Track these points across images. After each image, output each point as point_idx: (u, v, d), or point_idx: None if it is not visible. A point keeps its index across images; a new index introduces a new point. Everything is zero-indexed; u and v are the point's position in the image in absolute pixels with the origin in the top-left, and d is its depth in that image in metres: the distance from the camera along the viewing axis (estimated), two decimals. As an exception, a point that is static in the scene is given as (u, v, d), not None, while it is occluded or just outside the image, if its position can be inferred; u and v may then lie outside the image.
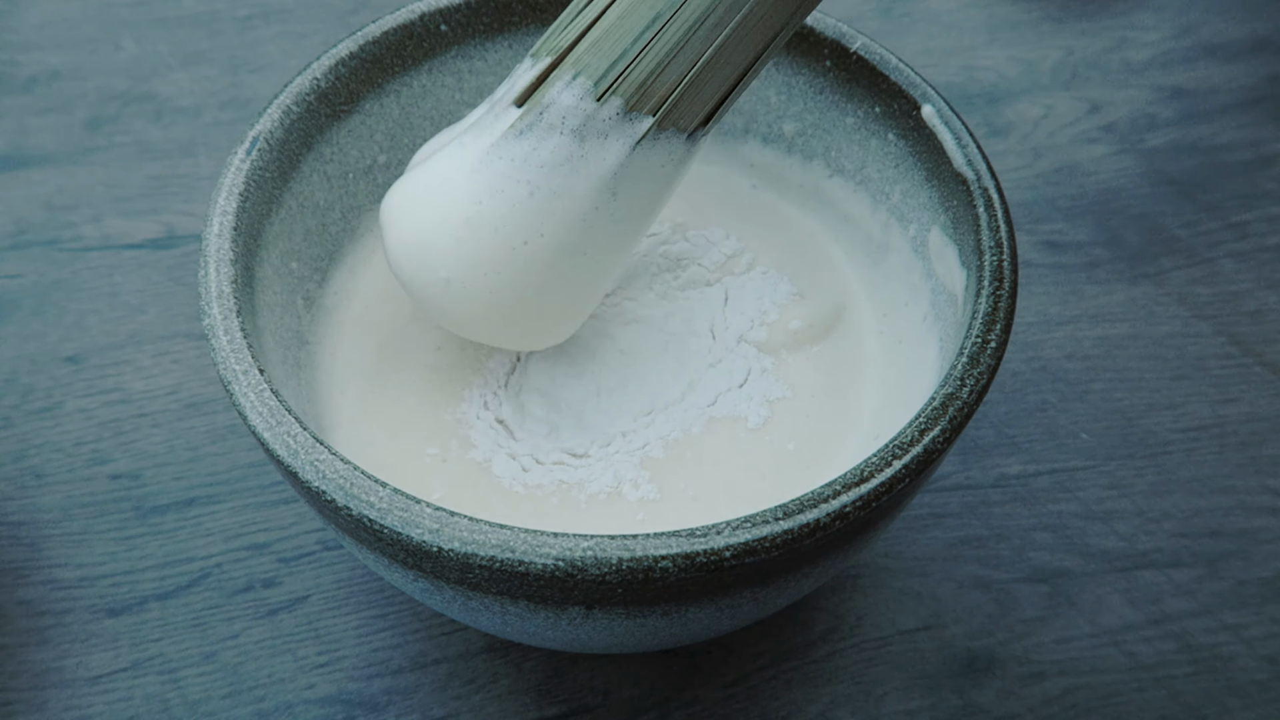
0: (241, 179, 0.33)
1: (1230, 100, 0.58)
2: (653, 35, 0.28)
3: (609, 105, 0.29)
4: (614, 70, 0.28)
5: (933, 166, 0.36)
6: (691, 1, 0.27)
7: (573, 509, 0.33)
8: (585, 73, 0.29)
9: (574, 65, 0.29)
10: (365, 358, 0.37)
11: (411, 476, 0.34)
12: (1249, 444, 0.45)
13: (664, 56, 0.28)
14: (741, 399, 0.35)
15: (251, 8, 0.61)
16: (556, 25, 0.30)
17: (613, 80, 0.28)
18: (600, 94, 0.29)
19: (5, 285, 0.49)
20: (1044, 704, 0.38)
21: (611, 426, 0.35)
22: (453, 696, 0.38)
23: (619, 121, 0.29)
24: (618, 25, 0.28)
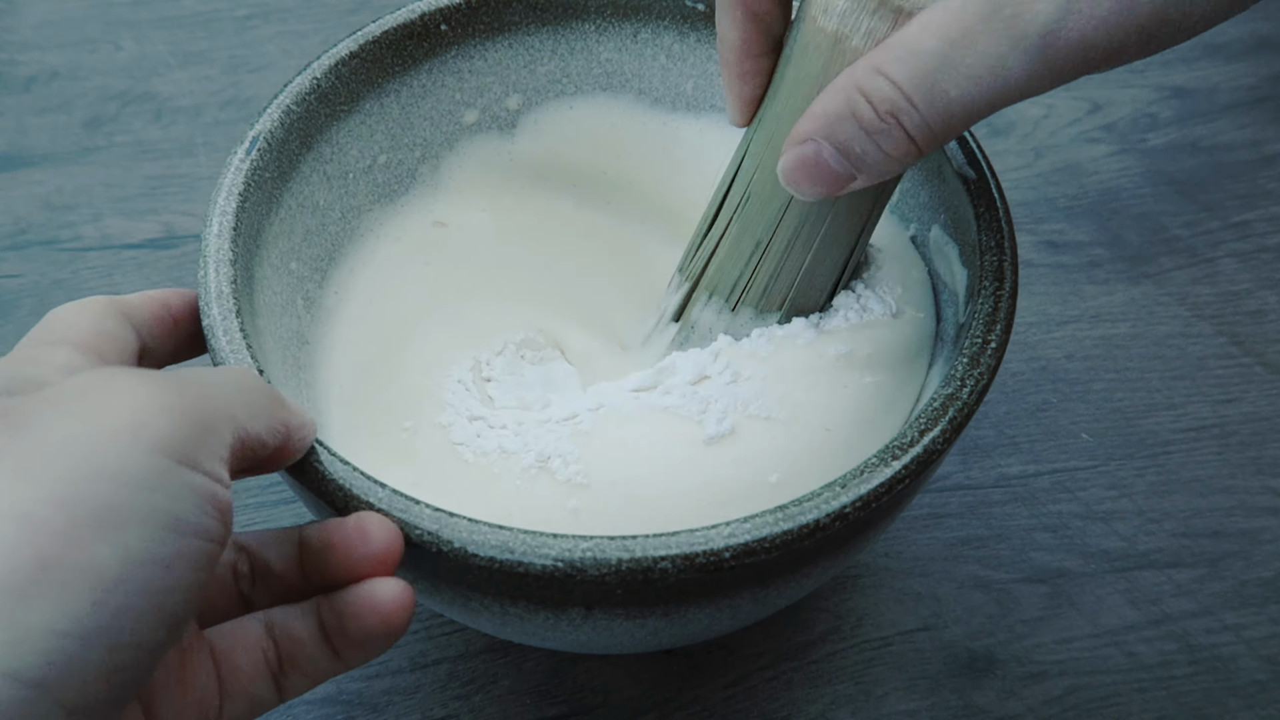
0: (241, 179, 0.33)
1: (1231, 100, 0.58)
2: (760, 256, 0.33)
3: (743, 314, 0.35)
4: (737, 288, 0.34)
5: (933, 166, 0.36)
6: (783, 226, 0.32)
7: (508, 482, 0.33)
8: (718, 292, 0.35)
9: (707, 287, 0.35)
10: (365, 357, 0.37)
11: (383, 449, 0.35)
12: (1250, 444, 0.45)
13: (772, 272, 0.33)
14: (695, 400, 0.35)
15: (251, 7, 0.60)
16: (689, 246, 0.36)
17: (739, 296, 0.34)
18: (733, 306, 0.35)
19: (5, 285, 0.49)
20: (1044, 704, 0.38)
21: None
22: (453, 696, 0.38)
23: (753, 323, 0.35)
24: (731, 251, 0.34)
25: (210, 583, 0.28)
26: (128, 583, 0.20)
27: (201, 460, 0.22)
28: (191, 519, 0.22)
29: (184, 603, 0.21)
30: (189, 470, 0.22)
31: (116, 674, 0.20)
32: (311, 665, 0.27)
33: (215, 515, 0.22)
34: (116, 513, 0.20)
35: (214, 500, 0.22)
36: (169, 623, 0.21)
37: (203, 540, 0.22)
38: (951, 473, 0.44)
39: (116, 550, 0.20)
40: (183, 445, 0.22)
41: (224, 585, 0.28)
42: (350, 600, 0.26)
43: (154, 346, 0.30)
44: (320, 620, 0.27)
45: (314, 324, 0.37)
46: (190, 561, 0.21)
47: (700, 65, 0.41)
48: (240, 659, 0.27)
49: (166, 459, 0.21)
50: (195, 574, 0.22)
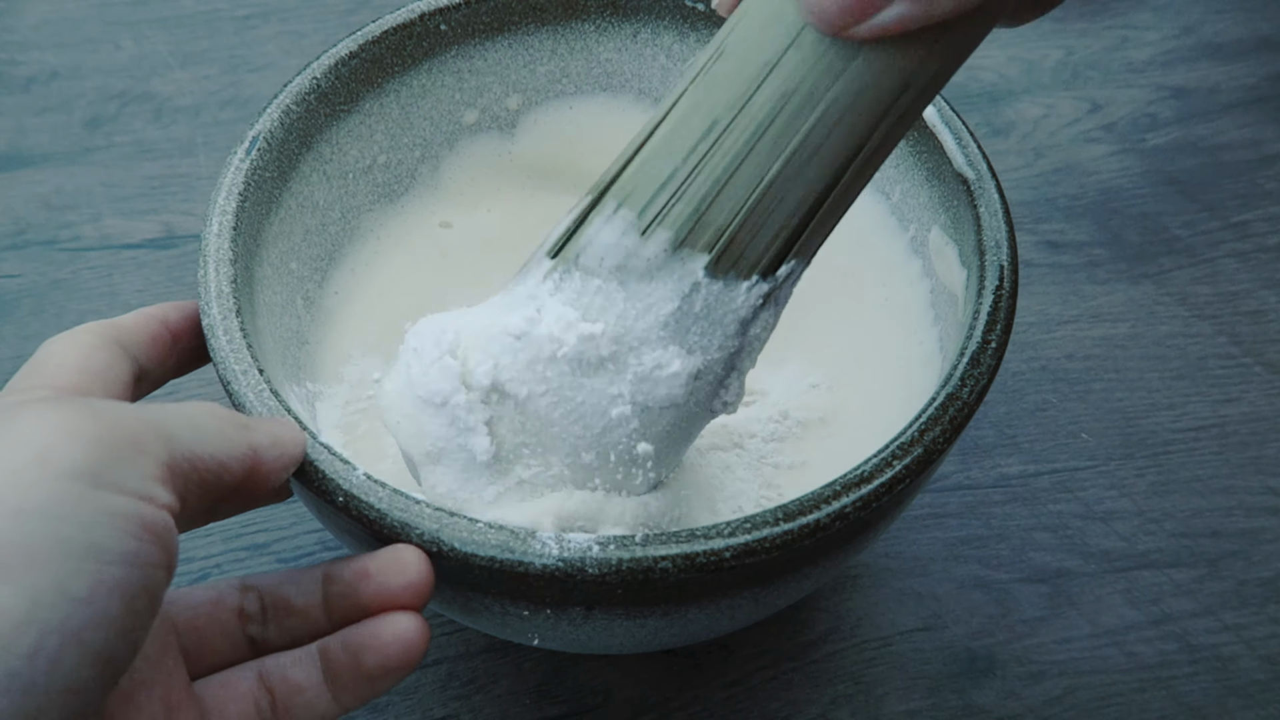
0: (241, 179, 0.33)
1: (1231, 100, 0.58)
2: (708, 148, 0.23)
3: (655, 240, 0.24)
4: (661, 196, 0.24)
5: (933, 166, 0.36)
6: (746, 113, 0.23)
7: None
8: (629, 202, 0.24)
9: (617, 195, 0.25)
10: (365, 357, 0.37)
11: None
12: (1249, 444, 0.45)
13: (717, 179, 0.23)
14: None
15: (251, 7, 0.60)
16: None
17: (660, 210, 0.24)
18: (645, 227, 0.24)
19: (5, 285, 0.49)
20: (1044, 704, 0.38)
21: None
22: (453, 696, 0.38)
23: (666, 258, 0.24)
24: (664, 144, 0.24)
25: (209, 626, 0.27)
26: (38, 623, 0.19)
27: (124, 481, 0.21)
28: (112, 545, 0.20)
29: (114, 636, 0.20)
30: (107, 492, 0.20)
31: (41, 717, 0.19)
32: (307, 710, 0.27)
33: (145, 538, 0.21)
34: (20, 549, 0.19)
35: (141, 522, 0.21)
36: (96, 659, 0.20)
37: (130, 567, 0.20)
38: (951, 473, 0.44)
39: (19, 590, 0.19)
40: (97, 468, 0.21)
41: (226, 629, 0.27)
42: (369, 632, 0.26)
43: (152, 368, 0.30)
44: (324, 662, 0.27)
45: (314, 324, 0.37)
46: (116, 591, 0.20)
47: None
48: (230, 711, 0.26)
49: (77, 484, 0.20)
50: (124, 604, 0.20)
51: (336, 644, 0.27)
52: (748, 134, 0.23)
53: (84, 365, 0.27)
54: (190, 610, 0.27)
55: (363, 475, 0.28)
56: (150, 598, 0.21)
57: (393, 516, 0.27)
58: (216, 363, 0.30)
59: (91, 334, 0.28)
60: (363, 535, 0.28)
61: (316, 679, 0.27)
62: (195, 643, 0.27)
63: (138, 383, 0.29)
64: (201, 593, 0.28)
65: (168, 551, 0.22)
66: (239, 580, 0.28)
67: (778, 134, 0.22)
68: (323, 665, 0.27)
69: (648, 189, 0.24)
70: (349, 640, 0.27)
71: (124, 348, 0.28)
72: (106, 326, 0.28)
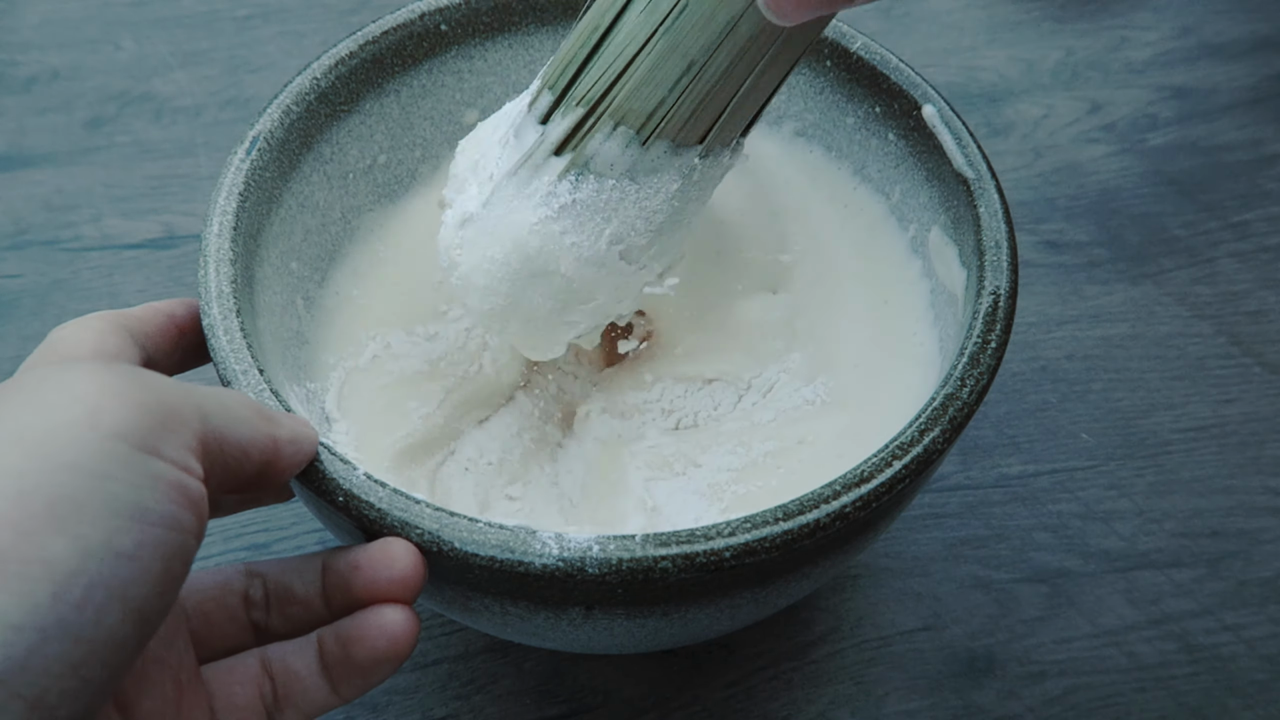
0: (241, 179, 0.33)
1: (1231, 100, 0.58)
2: (690, 81, 0.28)
3: (656, 148, 0.30)
4: (655, 117, 0.29)
5: (933, 166, 0.36)
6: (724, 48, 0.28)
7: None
8: (626, 121, 0.30)
9: (614, 115, 0.30)
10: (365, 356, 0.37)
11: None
12: (1249, 444, 0.45)
13: (702, 98, 0.29)
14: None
15: (251, 8, 0.60)
16: (570, 58, 0.30)
17: (656, 126, 0.29)
18: (645, 139, 0.30)
19: (5, 285, 0.49)
20: (1044, 704, 0.38)
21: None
22: (453, 696, 0.38)
23: (668, 156, 0.30)
24: (652, 73, 0.29)
25: (216, 610, 0.28)
26: (87, 575, 0.20)
27: (165, 448, 0.22)
28: (155, 507, 0.21)
29: (153, 595, 0.21)
30: (151, 457, 0.21)
31: (83, 668, 0.20)
32: (307, 701, 0.27)
33: (183, 504, 0.22)
34: (73, 503, 0.20)
35: (181, 489, 0.22)
36: (138, 616, 0.21)
37: (170, 530, 0.21)
38: (951, 473, 0.44)
39: (74, 542, 0.20)
40: (144, 432, 0.21)
41: (232, 614, 0.28)
42: (358, 624, 0.26)
43: (159, 359, 0.30)
44: (320, 652, 0.27)
45: (314, 324, 0.37)
46: (156, 552, 0.21)
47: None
48: (237, 695, 0.26)
49: (126, 446, 0.21)
50: (163, 564, 0.21)
51: (330, 635, 0.27)
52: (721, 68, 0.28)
53: (99, 346, 0.27)
54: (198, 594, 0.28)
55: (363, 475, 0.28)
56: (183, 562, 0.22)
57: (393, 516, 0.27)
58: (216, 363, 0.30)
59: (102, 320, 0.28)
60: (363, 535, 0.28)
61: (316, 668, 0.27)
62: (203, 626, 0.28)
63: None
64: (209, 577, 0.28)
65: (201, 520, 0.22)
66: (245, 566, 0.28)
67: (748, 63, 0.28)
68: (319, 656, 0.27)
69: (642, 112, 0.29)
70: (340, 632, 0.27)
71: (133, 335, 0.29)
72: (116, 315, 0.29)
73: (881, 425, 0.33)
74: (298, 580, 0.28)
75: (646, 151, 0.30)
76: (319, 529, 0.42)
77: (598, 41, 0.29)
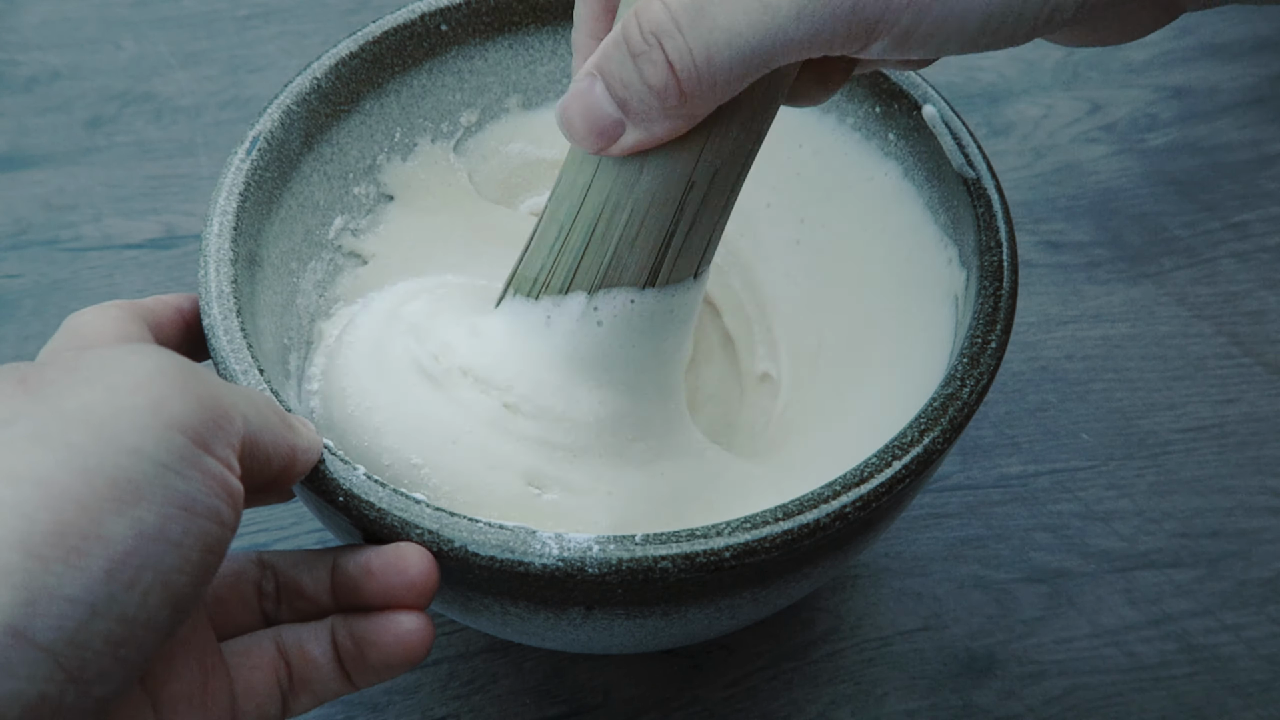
0: (241, 179, 0.33)
1: (1230, 100, 0.58)
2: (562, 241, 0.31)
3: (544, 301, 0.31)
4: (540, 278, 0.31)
5: (933, 166, 0.36)
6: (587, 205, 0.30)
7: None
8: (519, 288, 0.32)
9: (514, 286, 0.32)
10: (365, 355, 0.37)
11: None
12: (1249, 444, 0.45)
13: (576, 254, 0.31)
14: None
15: (251, 8, 0.60)
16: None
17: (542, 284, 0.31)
18: (535, 295, 0.32)
19: (5, 285, 0.49)
20: (1044, 704, 0.38)
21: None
22: (453, 696, 0.38)
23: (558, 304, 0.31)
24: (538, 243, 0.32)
25: (231, 597, 0.28)
26: (140, 556, 0.20)
27: (215, 445, 0.22)
28: (204, 500, 0.22)
29: (191, 584, 0.22)
30: (203, 453, 0.22)
31: (122, 648, 0.20)
32: (322, 686, 0.27)
33: (226, 500, 0.22)
34: (133, 486, 0.20)
35: (225, 486, 0.22)
36: (175, 602, 0.21)
37: (214, 524, 0.22)
38: (951, 473, 0.44)
39: (131, 524, 0.20)
40: (199, 427, 0.22)
41: (246, 601, 0.28)
42: (373, 629, 0.27)
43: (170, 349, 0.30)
44: (334, 644, 0.27)
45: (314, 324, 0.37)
46: (201, 543, 0.22)
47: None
48: (255, 679, 0.27)
49: (183, 438, 0.22)
50: (205, 556, 0.22)
51: (344, 631, 0.27)
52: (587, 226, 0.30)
53: (121, 334, 0.28)
54: (216, 581, 0.28)
55: (363, 475, 0.28)
56: (219, 555, 0.22)
57: (393, 516, 0.27)
58: (217, 363, 0.30)
59: (119, 309, 0.29)
60: (362, 535, 0.28)
61: (331, 655, 0.27)
62: (219, 612, 0.28)
63: None
64: (225, 564, 0.28)
65: (238, 515, 0.23)
66: (256, 555, 0.29)
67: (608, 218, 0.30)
68: (333, 648, 0.27)
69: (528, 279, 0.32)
70: (354, 631, 0.27)
71: (148, 325, 0.29)
72: (130, 304, 0.29)
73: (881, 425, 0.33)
74: (307, 577, 0.28)
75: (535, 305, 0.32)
76: (319, 529, 0.42)
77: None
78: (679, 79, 0.25)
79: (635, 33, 0.25)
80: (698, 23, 0.24)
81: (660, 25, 0.25)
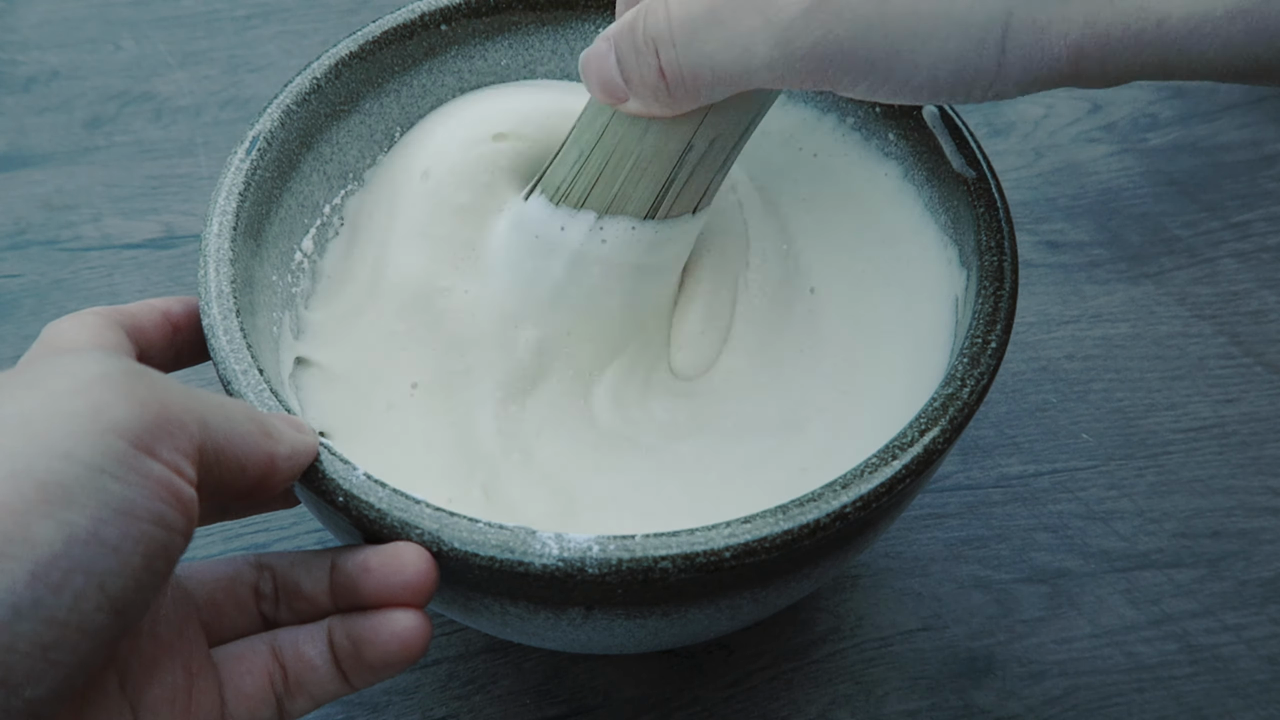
0: (241, 179, 0.33)
1: (1231, 100, 0.58)
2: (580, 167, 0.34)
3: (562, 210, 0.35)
4: (561, 188, 0.35)
5: (933, 166, 0.36)
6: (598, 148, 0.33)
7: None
8: (545, 188, 0.35)
9: (542, 185, 0.35)
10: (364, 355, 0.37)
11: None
12: (1250, 444, 0.45)
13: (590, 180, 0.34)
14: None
15: (251, 7, 0.60)
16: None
17: (563, 193, 0.35)
18: (555, 201, 0.35)
19: (5, 285, 0.49)
20: (1044, 704, 0.38)
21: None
22: (453, 696, 0.38)
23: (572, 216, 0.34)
24: (563, 156, 0.35)
25: (227, 600, 0.28)
26: (69, 560, 0.20)
27: (161, 449, 0.22)
28: (145, 504, 0.21)
29: (135, 588, 0.21)
30: (146, 456, 0.22)
31: (53, 650, 0.20)
32: (319, 688, 0.27)
33: (173, 504, 0.22)
34: (63, 490, 0.20)
35: (171, 489, 0.22)
36: (115, 606, 0.21)
37: (156, 527, 0.22)
38: (951, 473, 0.44)
39: (59, 527, 0.20)
40: (142, 431, 0.22)
41: (242, 605, 0.28)
42: (370, 627, 0.27)
43: (153, 356, 0.30)
44: (331, 645, 0.27)
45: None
46: (140, 547, 0.21)
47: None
48: (246, 683, 0.27)
49: (123, 442, 0.21)
50: (146, 560, 0.21)
51: (341, 631, 0.27)
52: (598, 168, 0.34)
53: (95, 342, 0.28)
54: (210, 584, 0.28)
55: (363, 475, 0.28)
56: (167, 560, 0.22)
57: (393, 516, 0.27)
58: (216, 363, 0.30)
59: (97, 315, 0.29)
60: (362, 535, 0.28)
61: (328, 656, 0.27)
62: (213, 616, 0.28)
63: None
64: (220, 568, 0.28)
65: (190, 521, 0.23)
66: (254, 557, 0.29)
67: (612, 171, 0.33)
68: (330, 647, 0.27)
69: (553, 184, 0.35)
70: (352, 630, 0.27)
71: (128, 332, 0.29)
72: (110, 310, 0.29)
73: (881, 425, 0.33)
74: (306, 577, 0.28)
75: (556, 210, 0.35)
76: (319, 529, 0.42)
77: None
78: (668, 83, 0.29)
79: (640, 32, 0.29)
80: (690, 43, 0.28)
81: (659, 35, 0.28)
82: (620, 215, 0.34)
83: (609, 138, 0.33)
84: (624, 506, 0.34)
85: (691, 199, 0.34)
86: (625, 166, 0.33)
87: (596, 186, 0.34)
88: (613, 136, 0.33)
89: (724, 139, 0.33)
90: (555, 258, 0.35)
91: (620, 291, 0.35)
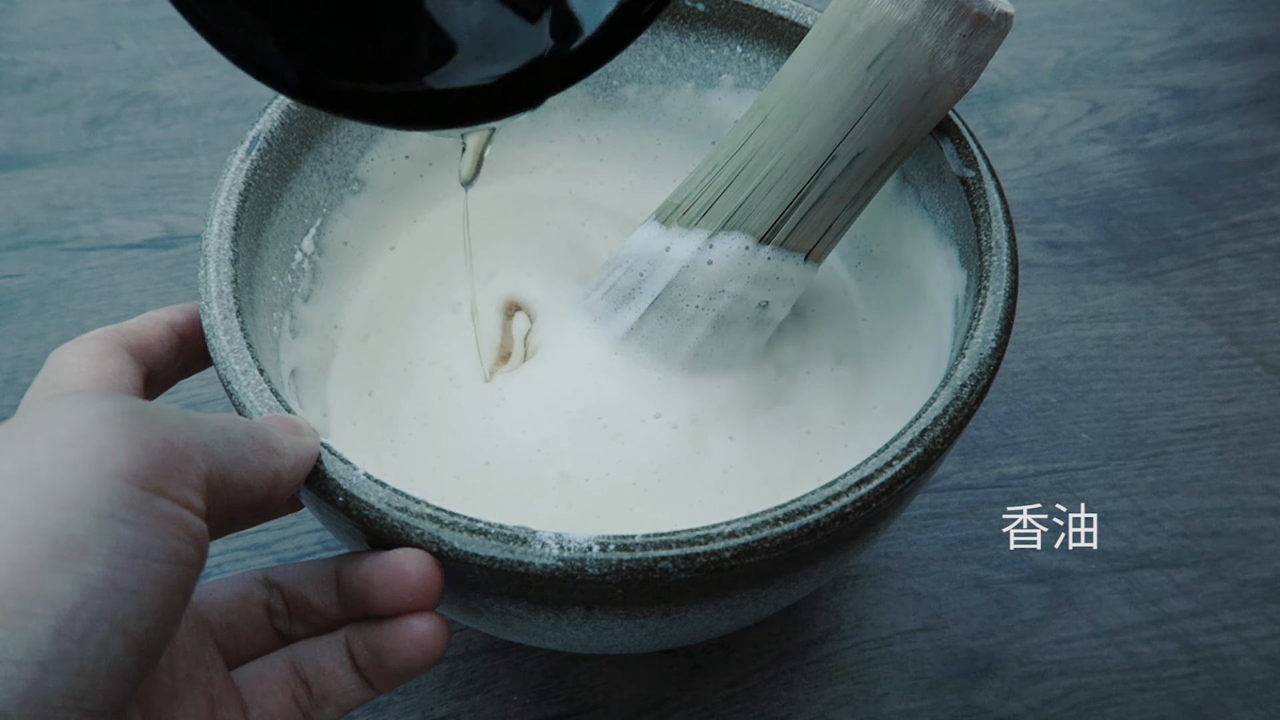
0: (242, 179, 0.33)
1: (1231, 100, 0.58)
2: (709, 179, 0.34)
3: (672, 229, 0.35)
4: (680, 204, 0.35)
5: (933, 167, 0.36)
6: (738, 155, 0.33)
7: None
8: (660, 214, 0.35)
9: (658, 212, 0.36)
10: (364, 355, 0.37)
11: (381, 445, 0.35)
12: (1249, 444, 0.45)
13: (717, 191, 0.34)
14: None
15: (251, 7, 0.60)
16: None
17: (680, 210, 0.35)
18: (665, 221, 0.35)
19: (5, 285, 0.49)
20: (1044, 704, 0.38)
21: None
22: (453, 696, 0.38)
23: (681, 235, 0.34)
24: (690, 179, 0.35)
25: (241, 621, 0.28)
26: (90, 610, 0.20)
27: (169, 487, 0.22)
28: (159, 545, 0.21)
29: (157, 627, 0.21)
30: (155, 496, 0.22)
31: (85, 700, 0.20)
32: (345, 696, 0.27)
33: (186, 539, 0.22)
34: (75, 542, 0.20)
35: (183, 526, 0.22)
36: (138, 648, 0.21)
37: (172, 565, 0.22)
38: (951, 473, 0.44)
39: (75, 580, 0.20)
40: (149, 472, 0.22)
41: (256, 624, 0.28)
42: (388, 636, 0.27)
43: (160, 371, 0.30)
44: (350, 655, 0.27)
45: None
46: (158, 587, 0.21)
47: (700, 65, 0.41)
48: (270, 702, 0.27)
49: (129, 485, 0.21)
50: (165, 598, 0.21)
51: (359, 642, 0.27)
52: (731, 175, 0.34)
53: (99, 373, 0.27)
54: (222, 608, 0.28)
55: (363, 475, 0.28)
56: (184, 594, 0.22)
57: (393, 516, 0.27)
58: (217, 363, 0.30)
59: (100, 341, 0.28)
60: (363, 535, 0.28)
61: (349, 664, 0.27)
62: (229, 639, 0.28)
63: (147, 386, 0.29)
64: (229, 588, 0.28)
65: (202, 553, 0.23)
66: (262, 574, 0.29)
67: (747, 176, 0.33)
68: (350, 657, 0.27)
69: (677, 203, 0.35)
70: (370, 641, 0.27)
71: (132, 353, 0.29)
72: (113, 333, 0.29)
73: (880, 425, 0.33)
74: (313, 592, 0.28)
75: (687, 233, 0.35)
76: (319, 529, 0.42)
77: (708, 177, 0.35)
78: None
79: None
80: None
81: None
82: (735, 232, 0.33)
83: (753, 143, 0.33)
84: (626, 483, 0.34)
85: (811, 234, 0.34)
86: (761, 171, 0.33)
87: (721, 199, 0.33)
88: (758, 141, 0.33)
89: (868, 158, 0.32)
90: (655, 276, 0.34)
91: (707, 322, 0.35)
